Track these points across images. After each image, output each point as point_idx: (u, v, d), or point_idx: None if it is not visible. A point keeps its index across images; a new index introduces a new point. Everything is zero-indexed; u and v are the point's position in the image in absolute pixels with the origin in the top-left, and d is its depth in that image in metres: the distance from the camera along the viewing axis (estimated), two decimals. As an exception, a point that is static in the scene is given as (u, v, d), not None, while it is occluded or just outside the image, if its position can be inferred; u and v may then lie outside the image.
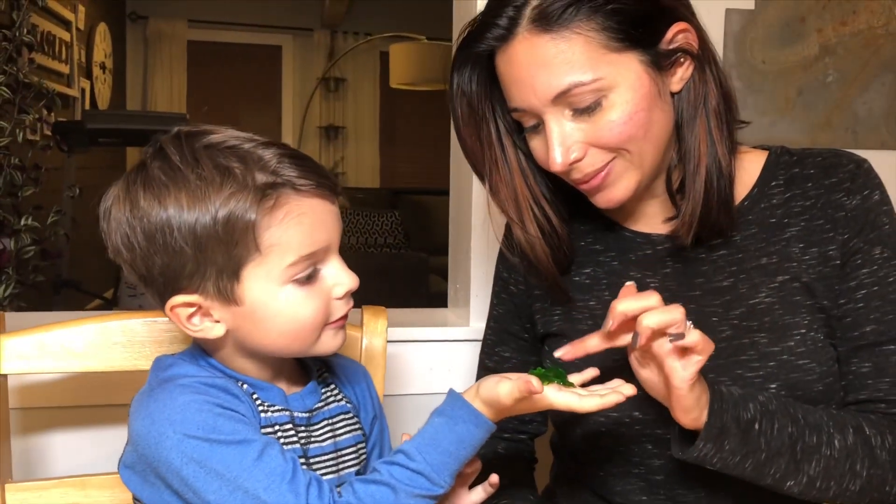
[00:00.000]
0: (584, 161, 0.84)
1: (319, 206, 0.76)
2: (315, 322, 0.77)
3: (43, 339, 0.96)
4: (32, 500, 0.95)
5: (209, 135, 0.76)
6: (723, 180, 0.86)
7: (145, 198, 0.74)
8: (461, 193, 1.49)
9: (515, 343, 1.04)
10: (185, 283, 0.75)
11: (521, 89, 0.83)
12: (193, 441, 0.71)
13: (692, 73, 0.85)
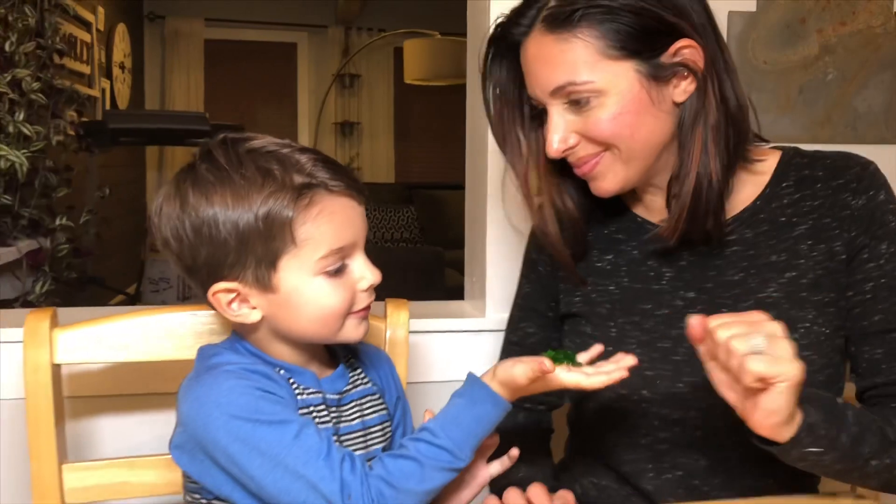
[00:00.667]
0: (577, 148, 0.92)
1: (349, 206, 0.84)
2: (340, 311, 0.85)
3: (93, 331, 1.04)
4: (87, 480, 1.04)
5: (251, 140, 0.84)
6: (712, 192, 0.92)
7: (194, 195, 0.82)
8: (476, 189, 1.55)
9: (540, 320, 1.11)
10: (227, 271, 0.83)
11: (530, 80, 0.93)
12: (238, 421, 0.79)
13: (695, 88, 0.91)
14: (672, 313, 0.98)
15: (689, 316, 0.79)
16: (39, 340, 1.01)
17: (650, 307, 1.00)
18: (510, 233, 1.46)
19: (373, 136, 7.07)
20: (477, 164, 1.54)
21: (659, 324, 0.99)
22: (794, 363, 0.75)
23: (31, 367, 1.01)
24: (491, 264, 1.47)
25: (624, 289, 1.02)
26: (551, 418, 1.16)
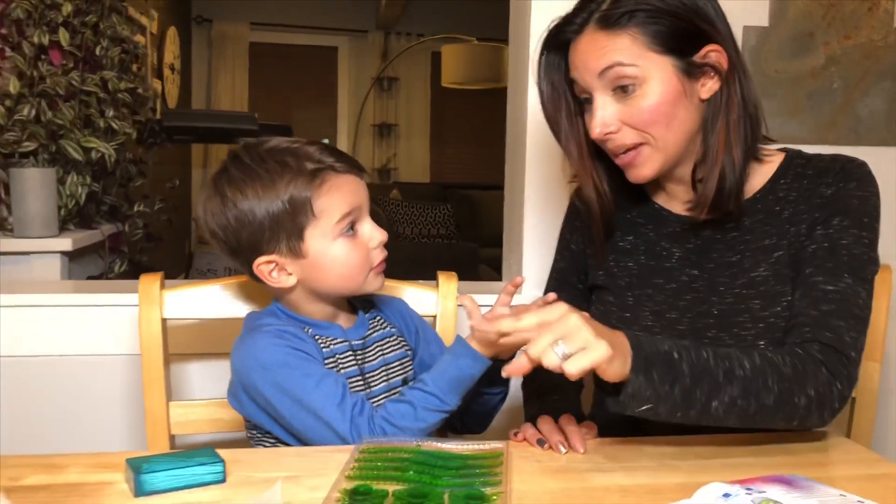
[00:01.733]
0: (617, 135, 1.05)
1: (351, 180, 1.04)
2: (361, 266, 1.04)
3: (193, 293, 1.25)
4: (188, 415, 1.24)
5: (268, 142, 1.05)
6: (734, 177, 1.06)
7: (230, 191, 1.02)
8: (515, 182, 1.73)
9: (572, 291, 1.27)
10: (265, 247, 1.03)
11: (580, 68, 1.05)
12: (272, 371, 0.99)
13: (720, 87, 1.05)
14: (678, 287, 1.13)
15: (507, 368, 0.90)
16: (151, 299, 1.21)
17: (661, 282, 1.15)
18: (543, 220, 1.65)
19: (409, 137, 7.21)
20: (516, 161, 1.72)
21: (668, 297, 1.14)
22: (598, 344, 0.83)
23: (145, 321, 1.21)
24: (527, 246, 1.66)
25: (641, 265, 1.17)
26: None
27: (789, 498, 0.78)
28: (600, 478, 0.87)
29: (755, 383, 0.92)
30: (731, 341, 1.06)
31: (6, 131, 2.03)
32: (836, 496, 0.81)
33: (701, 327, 1.09)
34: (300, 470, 0.86)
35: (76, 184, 2.11)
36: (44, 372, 1.51)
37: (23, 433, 1.50)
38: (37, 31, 2.03)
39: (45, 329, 1.51)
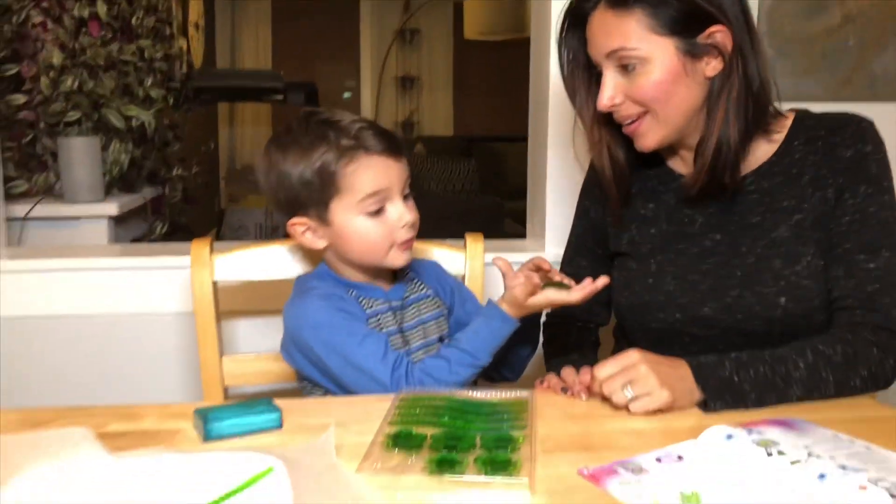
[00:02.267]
0: (622, 107, 1.13)
1: (383, 161, 1.09)
2: (381, 243, 1.11)
3: (240, 256, 1.35)
4: (240, 368, 1.35)
5: (324, 115, 1.13)
6: (729, 153, 1.11)
7: (276, 153, 1.12)
8: (538, 137, 1.79)
9: (591, 256, 1.35)
10: (299, 209, 1.12)
11: (591, 45, 1.13)
12: (321, 330, 1.09)
13: (723, 66, 1.09)
14: (701, 252, 1.19)
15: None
16: (202, 263, 1.31)
17: (683, 247, 1.21)
18: (566, 181, 1.72)
19: (432, 90, 7.23)
20: (539, 116, 1.78)
21: (691, 261, 1.20)
22: (661, 391, 0.95)
23: (197, 282, 1.31)
24: (550, 207, 1.73)
25: (663, 232, 1.23)
26: (598, 334, 1.41)
27: (786, 438, 0.87)
28: (617, 422, 0.96)
29: (812, 379, 1.02)
30: (754, 299, 1.13)
31: (52, 102, 2.13)
32: (830, 436, 0.89)
33: (723, 287, 1.15)
34: (347, 417, 0.96)
35: (119, 151, 2.22)
36: (105, 330, 1.63)
37: (87, 386, 1.63)
38: (77, 4, 2.12)
39: (103, 289, 1.63)
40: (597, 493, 0.77)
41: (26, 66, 2.11)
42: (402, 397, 0.99)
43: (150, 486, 0.74)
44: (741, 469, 0.81)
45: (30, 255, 1.68)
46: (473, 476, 0.78)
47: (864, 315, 1.08)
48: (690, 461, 0.83)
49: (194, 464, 0.78)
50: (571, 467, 0.82)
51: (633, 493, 0.76)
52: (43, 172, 2.21)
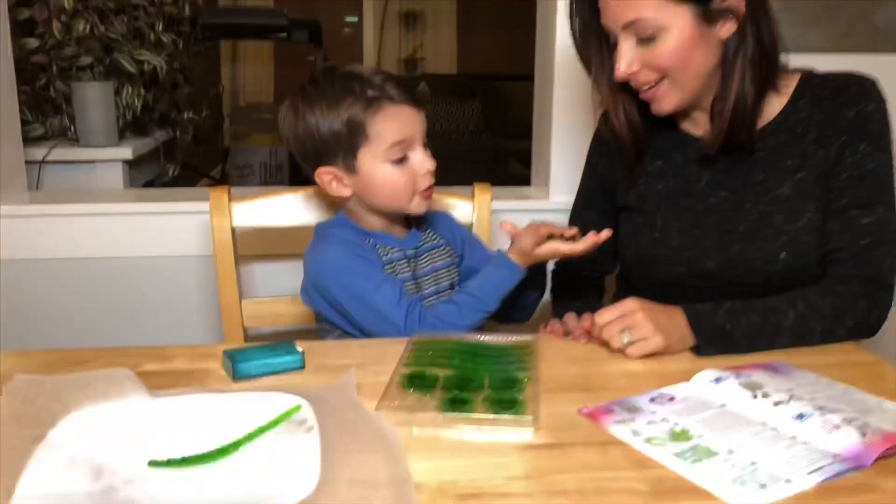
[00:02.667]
0: (639, 74, 1.16)
1: (407, 112, 1.16)
2: (405, 189, 1.18)
3: (257, 204, 1.41)
4: (258, 310, 1.43)
5: (343, 67, 1.19)
6: (747, 111, 1.15)
7: (303, 107, 1.17)
8: (544, 88, 1.83)
9: (598, 209, 1.39)
10: (326, 159, 1.18)
11: (607, 15, 1.14)
12: (340, 275, 1.17)
13: (737, 28, 1.12)
14: (706, 208, 1.24)
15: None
16: (222, 210, 1.38)
17: (689, 203, 1.25)
18: (571, 130, 1.76)
19: (436, 26, 7.15)
20: (545, 70, 1.81)
21: (696, 216, 1.25)
22: (656, 336, 1.02)
23: (216, 229, 1.38)
24: (555, 156, 1.78)
25: (669, 188, 1.27)
26: (604, 282, 1.47)
27: (771, 381, 0.94)
28: (614, 364, 1.04)
29: (801, 329, 1.08)
30: (755, 253, 1.18)
31: (64, 46, 2.16)
32: (812, 379, 0.97)
33: (726, 242, 1.21)
34: (364, 359, 1.03)
35: (132, 95, 2.25)
36: (124, 272, 1.70)
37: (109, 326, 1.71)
38: (87, -52, 2.13)
39: (123, 233, 1.69)
40: (595, 430, 0.84)
41: (38, 10, 2.13)
42: (416, 341, 1.07)
43: (189, 424, 0.82)
44: (728, 409, 0.89)
45: (52, 200, 1.74)
46: (483, 414, 0.85)
47: (855, 268, 1.14)
48: (681, 401, 0.91)
49: (228, 403, 0.86)
50: (572, 406, 0.89)
51: (627, 430, 0.84)
52: (57, 116, 2.25)
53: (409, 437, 0.82)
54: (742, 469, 0.75)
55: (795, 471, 0.75)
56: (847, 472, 0.76)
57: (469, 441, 0.82)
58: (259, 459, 0.76)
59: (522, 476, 0.75)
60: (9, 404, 0.82)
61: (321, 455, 0.73)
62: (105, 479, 0.72)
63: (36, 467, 0.72)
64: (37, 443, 0.76)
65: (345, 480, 0.70)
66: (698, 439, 0.81)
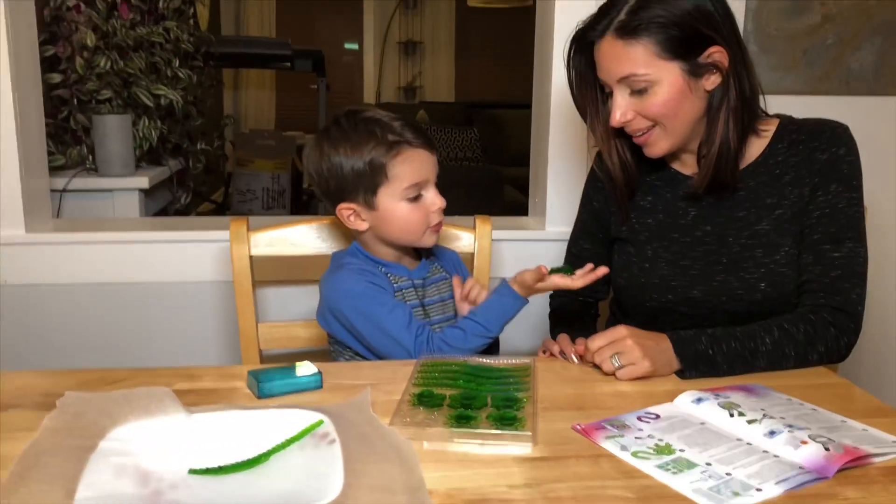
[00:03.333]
0: (632, 122, 1.26)
1: (424, 155, 1.26)
2: (418, 225, 1.28)
3: (274, 234, 1.50)
4: (273, 333, 1.52)
5: (365, 112, 1.29)
6: (730, 155, 1.25)
7: (327, 146, 1.27)
8: (541, 120, 1.92)
9: (593, 239, 1.49)
10: (347, 196, 1.28)
11: (602, 70, 1.24)
12: (355, 300, 1.26)
13: (721, 80, 1.22)
14: (692, 241, 1.33)
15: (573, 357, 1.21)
16: (241, 239, 1.47)
17: (677, 236, 1.34)
18: (567, 164, 1.87)
19: (435, 55, 7.30)
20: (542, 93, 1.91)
21: (683, 248, 1.33)
22: (644, 361, 1.11)
23: (236, 257, 1.47)
24: (551, 189, 1.88)
25: (659, 222, 1.37)
26: (597, 307, 1.57)
27: (747, 401, 1.04)
28: (605, 386, 1.13)
29: (776, 354, 1.17)
30: (737, 283, 1.28)
31: (86, 81, 2.27)
32: (784, 400, 1.06)
33: (710, 273, 1.30)
34: (377, 379, 1.12)
35: (148, 127, 2.36)
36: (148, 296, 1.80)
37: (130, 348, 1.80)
38: (108, -13, 2.25)
39: (142, 259, 1.78)
40: (587, 444, 0.94)
41: (62, 47, 2.24)
42: (423, 363, 1.16)
43: (223, 437, 0.91)
44: (707, 427, 0.98)
45: (75, 228, 1.84)
46: (486, 429, 0.94)
47: (826, 297, 1.23)
48: (665, 419, 1.00)
49: (257, 418, 0.95)
50: (566, 423, 0.99)
51: (616, 445, 0.93)
52: (77, 146, 2.35)
53: (420, 449, 0.91)
54: (718, 479, 0.85)
55: (765, 481, 0.84)
56: (812, 482, 0.85)
57: (474, 454, 0.91)
58: (288, 468, 0.85)
59: (522, 484, 0.84)
60: (62, 417, 0.91)
61: (343, 464, 0.83)
62: (152, 484, 0.81)
63: (91, 473, 0.81)
64: (89, 452, 0.85)
65: (366, 486, 0.79)
66: (680, 453, 0.91)
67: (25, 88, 1.75)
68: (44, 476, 0.79)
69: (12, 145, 1.70)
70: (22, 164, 1.72)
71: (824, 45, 1.83)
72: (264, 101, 7.09)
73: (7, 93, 1.68)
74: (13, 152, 1.70)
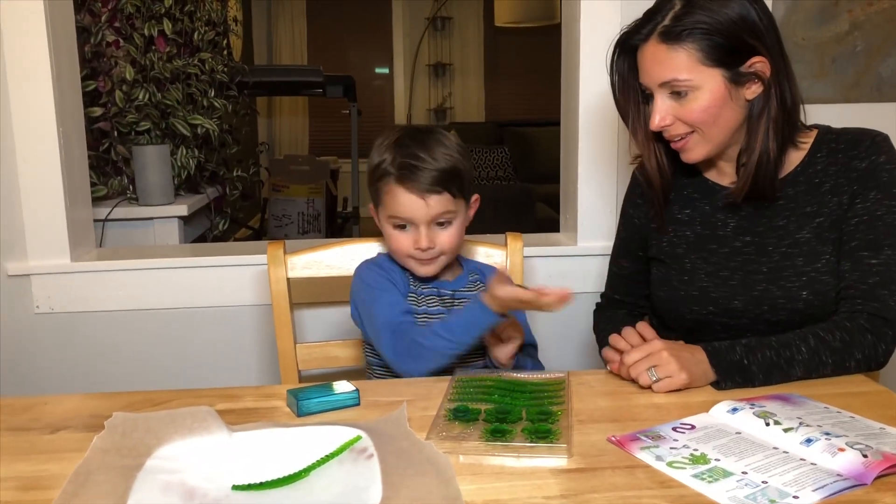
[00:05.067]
0: (671, 127, 1.27)
1: (409, 198, 1.26)
2: (400, 251, 1.31)
3: (310, 257, 1.54)
4: (311, 353, 1.54)
5: (423, 132, 1.32)
6: (769, 165, 1.26)
7: (379, 141, 1.32)
8: (570, 138, 1.94)
9: (632, 257, 1.50)
10: (373, 201, 1.34)
11: (644, 74, 1.26)
12: (364, 283, 1.35)
13: (762, 91, 1.23)
14: (731, 251, 1.33)
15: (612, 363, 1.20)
16: (278, 262, 1.51)
17: (716, 247, 1.34)
18: (597, 179, 1.88)
19: (464, 76, 7.38)
20: (570, 110, 1.93)
21: (722, 259, 1.33)
22: (680, 374, 1.11)
23: (273, 280, 1.51)
24: (581, 205, 1.90)
25: (697, 234, 1.38)
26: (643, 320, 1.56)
27: (783, 410, 1.04)
28: (640, 398, 1.13)
29: (813, 362, 1.17)
30: (779, 292, 1.28)
31: (125, 114, 2.34)
32: (821, 408, 1.06)
33: (751, 282, 1.30)
34: (412, 395, 1.14)
35: (186, 156, 2.43)
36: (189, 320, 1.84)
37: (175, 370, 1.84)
38: (146, 24, 2.32)
39: (184, 285, 1.83)
40: (622, 455, 0.94)
41: (102, 82, 2.32)
42: (458, 378, 1.18)
43: (264, 454, 0.94)
44: (743, 436, 0.98)
45: (118, 256, 1.90)
46: (521, 442, 0.95)
47: (863, 304, 1.22)
48: (701, 430, 1.00)
49: (297, 435, 0.98)
50: (601, 435, 0.99)
51: (652, 456, 0.93)
52: (118, 177, 2.42)
53: (456, 463, 0.92)
54: (754, 487, 0.85)
55: (802, 488, 0.84)
56: (849, 489, 0.85)
57: (510, 466, 0.92)
58: (328, 482, 0.87)
59: (558, 495, 0.85)
60: (110, 437, 0.94)
61: (382, 478, 0.85)
62: (197, 500, 0.84)
63: (139, 491, 0.84)
64: (137, 470, 0.88)
65: (404, 498, 0.81)
66: (715, 462, 0.91)
67: (69, 122, 1.81)
68: (94, 494, 0.82)
69: (57, 177, 1.76)
70: (66, 195, 1.78)
71: (853, 52, 1.83)
72: (297, 127, 7.21)
73: (52, 127, 1.74)
74: (58, 184, 1.76)
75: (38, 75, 1.72)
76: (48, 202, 1.77)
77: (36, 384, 1.82)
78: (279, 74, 4.84)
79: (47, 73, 1.72)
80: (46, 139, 1.74)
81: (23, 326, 1.81)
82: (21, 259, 1.79)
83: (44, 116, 1.73)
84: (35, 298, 1.80)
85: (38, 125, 1.74)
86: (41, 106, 1.73)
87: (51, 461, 0.94)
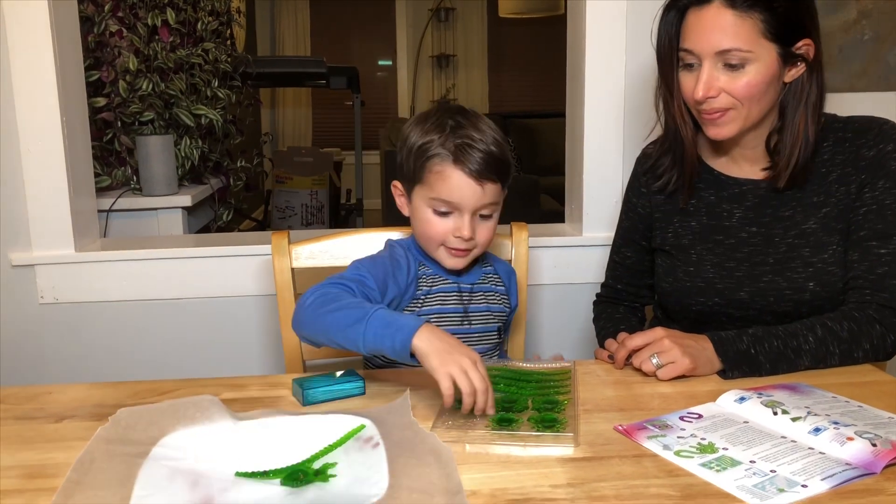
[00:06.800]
0: (714, 100, 1.21)
1: (464, 181, 1.18)
2: (434, 238, 1.24)
3: (314, 247, 1.53)
4: (316, 344, 1.54)
5: (467, 112, 1.25)
6: (808, 150, 1.25)
7: (411, 122, 1.27)
8: (575, 129, 1.93)
9: (635, 247, 1.48)
10: (401, 174, 1.28)
11: (700, 38, 1.20)
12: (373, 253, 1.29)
13: (803, 73, 1.23)
14: (737, 242, 1.32)
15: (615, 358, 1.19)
16: (282, 252, 1.50)
17: (721, 238, 1.33)
18: (602, 169, 1.87)
19: (468, 67, 7.35)
20: (576, 101, 1.93)
21: (728, 250, 1.32)
22: (683, 359, 1.11)
23: (278, 270, 1.50)
24: (587, 195, 1.89)
25: (703, 225, 1.36)
26: (644, 312, 1.56)
27: (790, 399, 1.03)
28: (647, 387, 1.13)
29: (820, 352, 1.17)
30: (785, 284, 1.27)
31: (129, 104, 2.33)
32: (829, 398, 1.05)
33: (758, 273, 1.29)
34: (417, 384, 1.13)
35: (190, 147, 2.42)
36: (193, 310, 1.84)
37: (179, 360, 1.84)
38: (150, 14, 2.31)
39: (188, 275, 1.83)
40: (629, 444, 0.94)
41: (106, 72, 2.32)
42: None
43: (269, 442, 0.93)
44: (750, 425, 0.98)
45: (122, 246, 1.89)
46: (528, 432, 0.95)
47: (872, 294, 1.22)
48: (708, 419, 1.00)
49: (302, 423, 0.97)
50: (608, 424, 0.99)
51: (659, 445, 0.93)
52: (122, 167, 2.42)
53: (463, 452, 0.92)
54: (763, 476, 0.84)
55: (811, 477, 0.84)
56: (858, 478, 0.84)
57: (516, 455, 0.92)
58: (333, 471, 0.87)
59: (565, 484, 0.85)
60: (114, 429, 0.94)
61: (388, 467, 0.84)
62: (202, 488, 0.83)
63: (145, 479, 0.84)
64: (142, 458, 0.87)
65: (405, 488, 0.81)
66: (723, 451, 0.90)
67: (72, 113, 1.81)
68: (99, 481, 0.82)
69: (61, 168, 1.75)
70: (70, 185, 1.77)
71: (861, 41, 1.81)
72: (301, 118, 7.20)
73: (55, 117, 1.74)
74: (62, 175, 1.76)
75: (41, 65, 1.72)
76: (52, 193, 1.76)
77: (40, 374, 1.82)
78: (283, 65, 4.83)
79: (51, 63, 1.72)
80: (50, 129, 1.73)
81: (27, 317, 1.81)
82: (25, 249, 1.79)
83: (47, 107, 1.73)
84: (39, 289, 1.80)
85: (41, 115, 1.73)
86: (45, 96, 1.72)
87: (55, 450, 0.94)
